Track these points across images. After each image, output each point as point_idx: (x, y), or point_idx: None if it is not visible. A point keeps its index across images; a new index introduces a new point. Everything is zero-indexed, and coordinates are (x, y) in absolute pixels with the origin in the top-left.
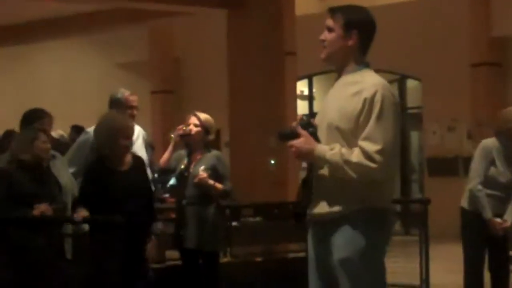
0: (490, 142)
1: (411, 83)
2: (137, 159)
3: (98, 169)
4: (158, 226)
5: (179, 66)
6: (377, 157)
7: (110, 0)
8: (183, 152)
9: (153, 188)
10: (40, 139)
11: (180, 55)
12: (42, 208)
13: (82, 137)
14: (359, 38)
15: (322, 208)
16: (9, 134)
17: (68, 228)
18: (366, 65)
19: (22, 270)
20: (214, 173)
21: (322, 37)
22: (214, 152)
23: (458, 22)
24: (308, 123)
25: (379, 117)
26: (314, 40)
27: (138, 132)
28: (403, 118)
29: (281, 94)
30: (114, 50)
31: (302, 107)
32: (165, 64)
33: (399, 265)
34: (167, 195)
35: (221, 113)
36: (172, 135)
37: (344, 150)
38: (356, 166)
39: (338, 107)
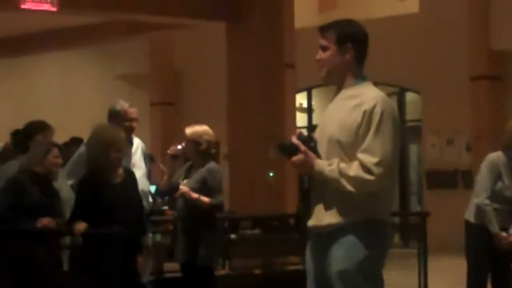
0: (496, 156)
1: (410, 96)
2: (128, 172)
3: (90, 182)
4: (157, 238)
5: (179, 78)
6: (375, 169)
7: (110, 13)
8: (186, 166)
9: (150, 199)
10: (53, 153)
11: (180, 67)
12: (45, 222)
13: (80, 149)
14: (354, 50)
15: (320, 220)
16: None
17: (66, 240)
18: (365, 78)
19: (22, 281)
20: (204, 186)
21: (318, 57)
22: (208, 165)
23: (457, 36)
24: (309, 137)
25: (378, 129)
26: (313, 53)
27: (137, 144)
28: (402, 131)
29: (280, 107)
30: (114, 62)
31: (301, 120)
32: (165, 76)
33: (397, 277)
34: (166, 207)
35: (220, 125)
36: (167, 157)
37: (342, 165)
38: (354, 179)
39: (339, 121)
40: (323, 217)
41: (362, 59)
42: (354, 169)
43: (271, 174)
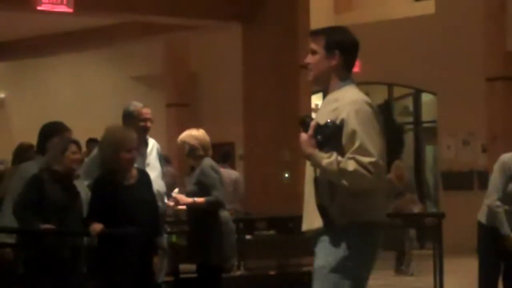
0: (509, 157)
1: (426, 97)
2: (142, 173)
3: (104, 183)
4: (172, 239)
5: (194, 79)
6: (372, 167)
7: (125, 14)
8: (174, 170)
9: (166, 200)
10: (70, 150)
11: (195, 68)
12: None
13: (96, 150)
14: (342, 57)
15: (309, 224)
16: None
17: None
18: (351, 81)
19: (44, 280)
20: (201, 187)
21: (307, 60)
22: (202, 164)
23: (473, 37)
24: (319, 130)
25: (363, 130)
26: None
27: (153, 145)
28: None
29: (295, 108)
30: (130, 64)
31: None
32: (180, 77)
33: (414, 278)
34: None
35: (235, 127)
36: None
37: (340, 158)
38: (352, 174)
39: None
40: (313, 221)
41: (349, 66)
42: (352, 165)
43: (286, 175)
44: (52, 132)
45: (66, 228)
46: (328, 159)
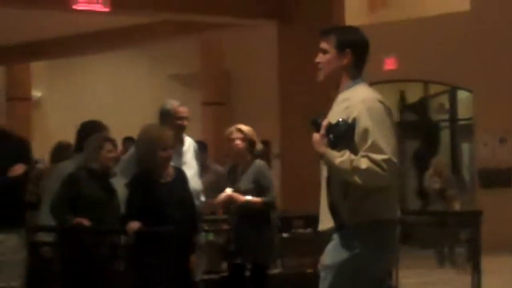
0: None
1: (462, 94)
2: (178, 171)
3: (140, 181)
4: (210, 237)
5: (229, 77)
6: (385, 165)
7: (161, 13)
8: (228, 168)
9: (203, 198)
10: (106, 148)
11: (230, 67)
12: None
13: (132, 149)
14: (353, 56)
15: (324, 224)
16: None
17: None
18: (361, 80)
19: (82, 278)
20: (257, 186)
21: (318, 59)
22: (256, 164)
23: (509, 33)
24: (331, 129)
25: (376, 128)
26: None
27: (189, 143)
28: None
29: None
30: (166, 62)
31: None
32: (216, 75)
33: (453, 277)
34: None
35: (271, 125)
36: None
37: (353, 156)
38: (365, 172)
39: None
40: (327, 220)
41: (360, 65)
42: (365, 163)
43: None
44: (90, 130)
45: (103, 226)
46: (340, 157)
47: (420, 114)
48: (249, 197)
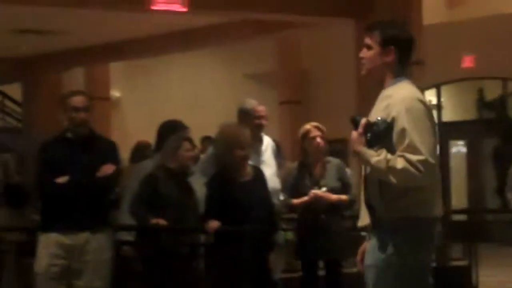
0: None
1: None
2: (257, 170)
3: (219, 180)
4: (288, 236)
5: (305, 76)
6: (421, 166)
7: (238, 12)
8: (293, 165)
9: (281, 197)
10: (184, 147)
11: (306, 66)
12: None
13: (212, 148)
14: (397, 53)
15: (362, 221)
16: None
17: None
18: (405, 78)
19: (166, 276)
20: (342, 184)
21: (361, 54)
22: (335, 162)
23: None
24: (369, 128)
25: (414, 128)
26: (441, 49)
27: (267, 143)
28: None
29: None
30: (243, 62)
31: None
32: (293, 74)
33: None
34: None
35: (347, 123)
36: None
37: (390, 156)
38: (400, 172)
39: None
40: (366, 218)
41: (404, 62)
42: (401, 163)
43: None
44: (170, 130)
45: (183, 225)
46: (377, 157)
47: (498, 111)
48: (337, 196)
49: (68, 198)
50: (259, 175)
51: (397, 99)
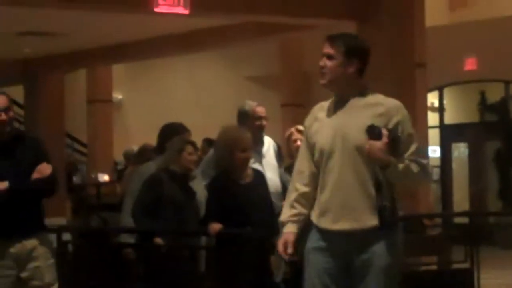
0: None
1: None
2: (257, 172)
3: (219, 183)
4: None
5: (308, 79)
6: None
7: (240, 14)
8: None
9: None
10: (187, 150)
11: (309, 68)
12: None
13: (213, 151)
14: (359, 65)
15: (361, 223)
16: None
17: (201, 241)
18: (369, 89)
19: (167, 279)
20: None
21: (322, 63)
22: None
23: None
24: (395, 138)
25: (415, 134)
26: (444, 52)
27: (269, 144)
28: None
29: (411, 106)
30: (245, 64)
31: (432, 119)
32: (295, 77)
33: None
34: None
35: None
36: None
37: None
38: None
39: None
40: (365, 220)
41: (363, 72)
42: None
43: None
44: (172, 132)
45: (184, 228)
46: (401, 164)
47: (501, 114)
48: None
49: (5, 206)
50: (259, 178)
51: (392, 106)
